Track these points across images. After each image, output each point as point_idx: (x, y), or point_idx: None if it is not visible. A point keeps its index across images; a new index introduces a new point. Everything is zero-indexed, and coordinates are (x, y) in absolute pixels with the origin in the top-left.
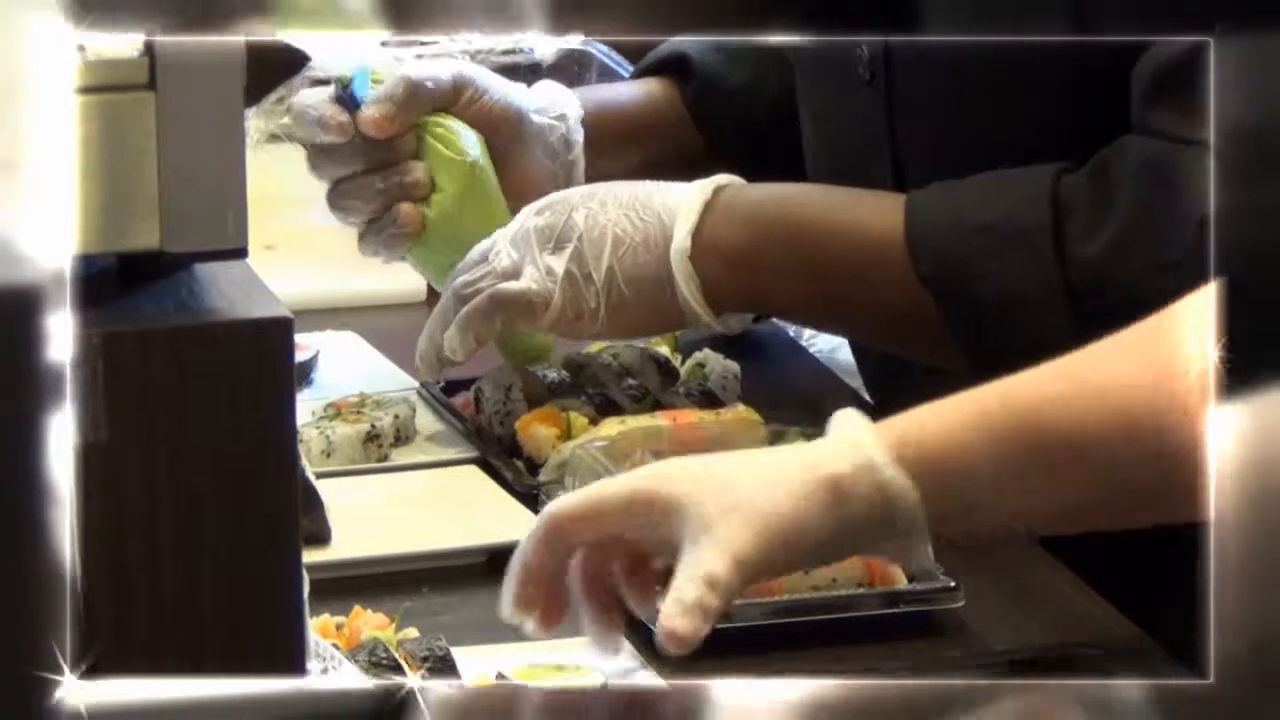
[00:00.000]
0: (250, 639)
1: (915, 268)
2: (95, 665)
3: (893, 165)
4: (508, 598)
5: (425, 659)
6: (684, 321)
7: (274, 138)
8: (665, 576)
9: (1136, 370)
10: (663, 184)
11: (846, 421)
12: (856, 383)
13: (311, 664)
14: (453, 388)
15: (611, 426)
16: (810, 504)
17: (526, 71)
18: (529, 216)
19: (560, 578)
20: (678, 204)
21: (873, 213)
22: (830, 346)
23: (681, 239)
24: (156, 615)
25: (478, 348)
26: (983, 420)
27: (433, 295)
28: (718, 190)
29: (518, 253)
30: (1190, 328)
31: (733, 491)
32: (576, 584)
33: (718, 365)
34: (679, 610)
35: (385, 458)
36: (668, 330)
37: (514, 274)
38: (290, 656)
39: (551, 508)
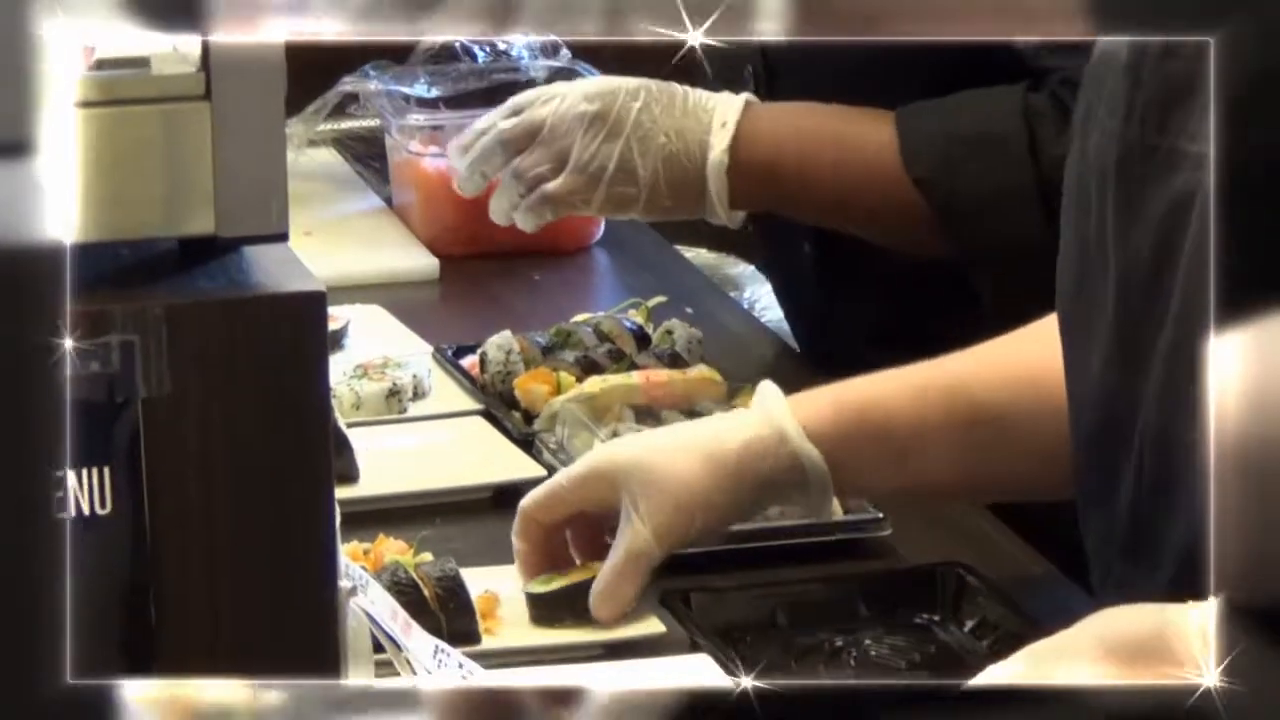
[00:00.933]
0: (290, 562)
1: (909, 171)
2: (160, 583)
3: None
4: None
5: (439, 579)
6: (703, 213)
7: (312, 143)
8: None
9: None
10: (692, 90)
11: (763, 395)
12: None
13: (342, 582)
14: (461, 351)
15: (594, 384)
16: (723, 470)
17: (523, 86)
18: (579, 100)
19: (543, 548)
20: (713, 115)
21: (868, 127)
22: (779, 317)
23: (719, 154)
24: (212, 542)
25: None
26: (905, 376)
27: (445, 273)
28: (746, 105)
29: (569, 136)
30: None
31: (658, 470)
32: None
33: (684, 332)
34: (603, 585)
35: (404, 410)
36: (688, 216)
37: (562, 160)
38: (324, 577)
39: (521, 503)
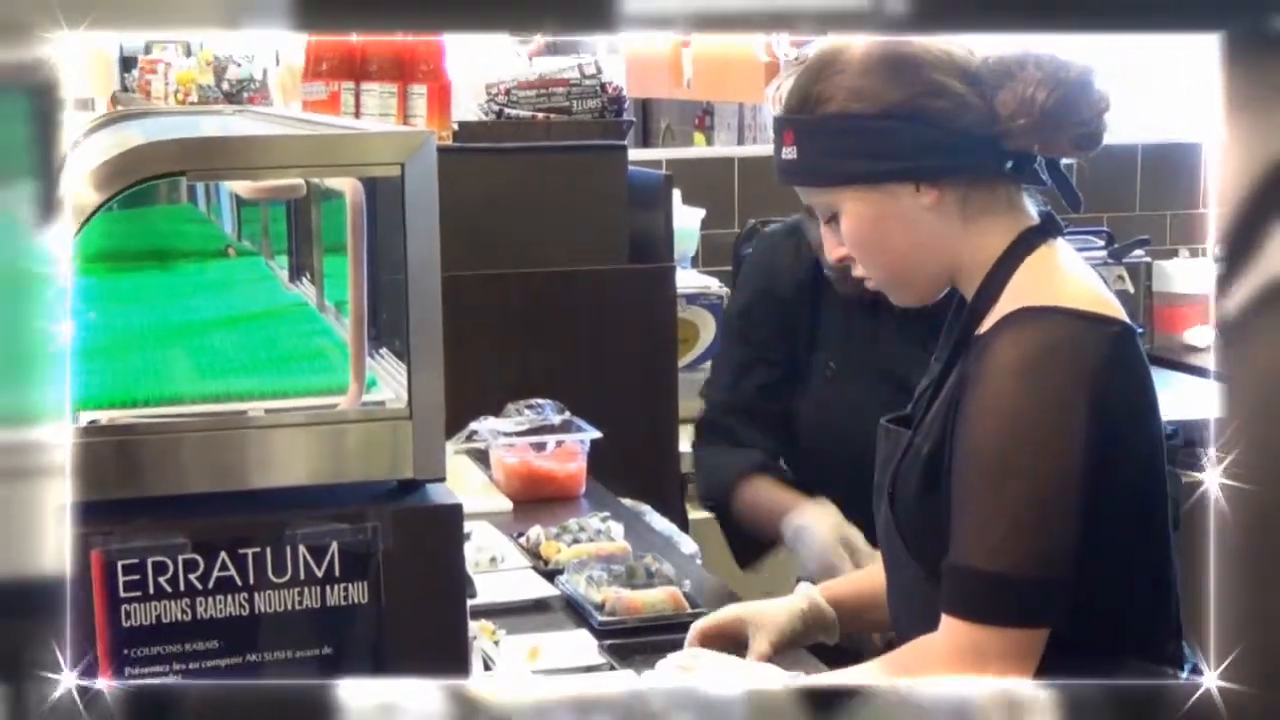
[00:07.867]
0: (437, 647)
1: None
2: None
3: None
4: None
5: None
6: None
7: (455, 453)
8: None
9: None
10: None
11: (804, 587)
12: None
13: (470, 634)
14: (519, 534)
15: (575, 549)
16: (793, 621)
17: (548, 426)
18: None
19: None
20: None
21: None
22: (659, 528)
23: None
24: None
25: None
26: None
27: (515, 508)
28: None
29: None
30: None
31: (759, 619)
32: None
33: (616, 528)
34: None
35: (498, 566)
36: None
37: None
38: (460, 631)
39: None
